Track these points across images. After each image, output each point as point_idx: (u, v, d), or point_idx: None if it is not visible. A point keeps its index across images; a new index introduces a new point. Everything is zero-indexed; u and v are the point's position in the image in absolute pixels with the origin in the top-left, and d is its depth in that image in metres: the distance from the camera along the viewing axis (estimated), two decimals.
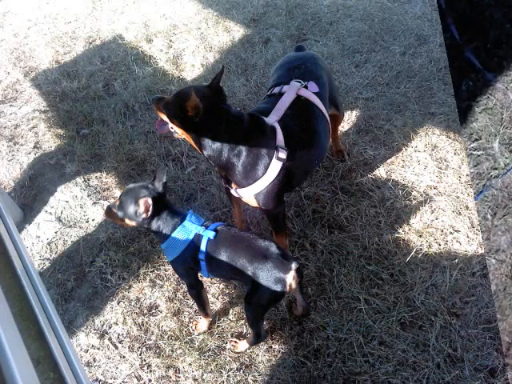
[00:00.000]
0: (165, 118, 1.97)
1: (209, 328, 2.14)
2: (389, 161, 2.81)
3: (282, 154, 1.91)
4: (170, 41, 4.11)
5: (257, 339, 1.97)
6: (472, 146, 1.30)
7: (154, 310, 2.26)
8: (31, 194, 2.94)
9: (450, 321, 2.05)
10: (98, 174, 2.99)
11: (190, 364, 2.04)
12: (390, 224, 2.47)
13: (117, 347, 2.15)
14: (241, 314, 2.19)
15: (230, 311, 2.22)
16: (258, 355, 2.04)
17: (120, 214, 1.84)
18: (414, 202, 2.57)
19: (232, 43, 3.97)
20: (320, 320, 2.11)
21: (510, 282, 1.31)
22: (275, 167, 1.93)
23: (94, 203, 2.82)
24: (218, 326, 2.17)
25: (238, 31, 4.10)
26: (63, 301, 2.35)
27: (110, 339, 2.18)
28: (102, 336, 2.20)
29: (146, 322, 2.21)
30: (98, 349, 2.15)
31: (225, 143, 1.87)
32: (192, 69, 3.76)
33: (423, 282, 2.20)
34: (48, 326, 1.01)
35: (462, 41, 1.23)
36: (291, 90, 2.09)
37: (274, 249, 1.75)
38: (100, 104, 3.50)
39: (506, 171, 1.24)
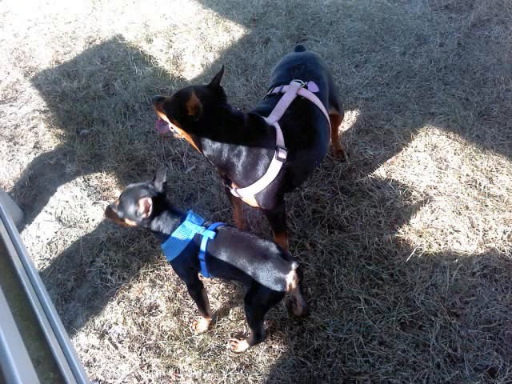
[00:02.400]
0: (165, 118, 1.97)
1: (209, 328, 2.14)
2: (389, 161, 2.81)
3: (282, 154, 1.91)
4: (170, 41, 4.11)
5: (257, 339, 1.97)
6: None
7: (154, 310, 2.26)
8: (31, 193, 2.94)
9: (450, 321, 2.05)
10: (98, 174, 2.99)
11: (190, 364, 2.04)
12: (390, 224, 2.47)
13: (117, 347, 2.15)
14: (241, 313, 2.19)
15: (230, 311, 2.22)
16: (258, 355, 2.04)
17: (120, 213, 1.84)
18: (413, 202, 2.57)
19: (232, 43, 3.97)
20: (320, 320, 2.11)
21: None
22: (275, 167, 1.93)
23: (94, 203, 2.82)
24: (218, 326, 2.17)
25: (237, 31, 4.10)
26: (63, 301, 2.35)
27: (110, 339, 2.18)
28: (102, 336, 2.20)
29: (146, 322, 2.21)
30: (98, 349, 2.15)
31: (225, 143, 1.87)
32: (192, 69, 3.76)
33: (423, 282, 2.20)
34: (48, 325, 1.01)
35: None
36: (291, 90, 2.09)
37: (274, 249, 1.75)
38: (100, 104, 3.50)
39: None
